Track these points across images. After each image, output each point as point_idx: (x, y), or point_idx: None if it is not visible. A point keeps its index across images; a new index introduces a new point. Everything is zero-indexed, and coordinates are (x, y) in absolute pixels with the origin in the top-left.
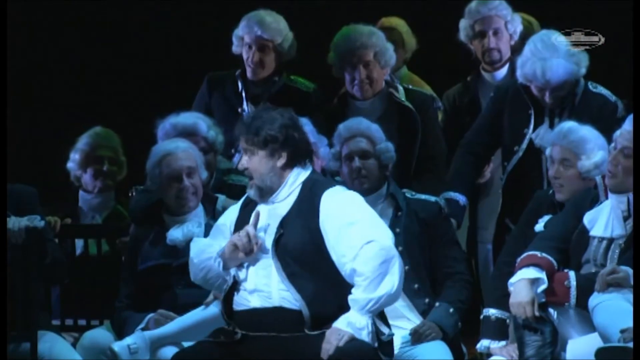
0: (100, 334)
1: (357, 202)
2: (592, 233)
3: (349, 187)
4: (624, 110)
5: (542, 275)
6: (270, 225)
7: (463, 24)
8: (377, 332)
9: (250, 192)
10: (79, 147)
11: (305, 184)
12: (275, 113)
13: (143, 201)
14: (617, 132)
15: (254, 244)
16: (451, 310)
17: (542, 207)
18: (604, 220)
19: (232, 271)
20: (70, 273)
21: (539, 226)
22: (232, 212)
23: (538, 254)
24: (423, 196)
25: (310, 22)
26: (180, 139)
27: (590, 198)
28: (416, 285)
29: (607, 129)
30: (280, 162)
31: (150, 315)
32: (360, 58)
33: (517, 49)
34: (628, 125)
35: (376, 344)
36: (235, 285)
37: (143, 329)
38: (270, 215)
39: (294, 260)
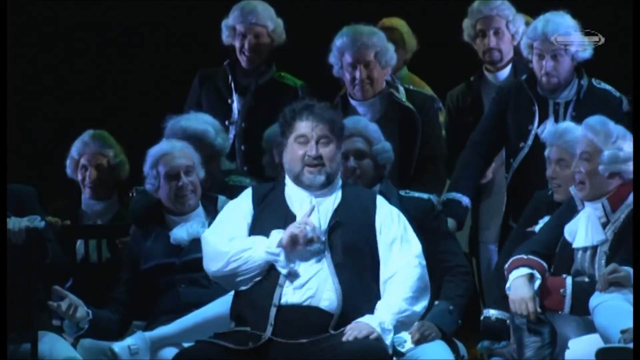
0: None
1: (404, 220)
2: (575, 245)
3: None
4: (628, 105)
5: (534, 271)
6: (320, 220)
7: (465, 23)
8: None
9: (320, 178)
10: (71, 154)
11: (346, 186)
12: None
13: (143, 202)
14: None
15: (317, 234)
16: (450, 307)
17: (541, 208)
18: (582, 230)
19: (281, 264)
20: (70, 273)
21: (539, 227)
22: (243, 204)
23: (524, 256)
24: (416, 194)
25: (311, 23)
26: (175, 140)
27: (570, 208)
28: None
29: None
30: (340, 156)
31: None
32: (361, 58)
33: (519, 50)
34: (584, 130)
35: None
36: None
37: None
38: (321, 209)
39: (343, 250)
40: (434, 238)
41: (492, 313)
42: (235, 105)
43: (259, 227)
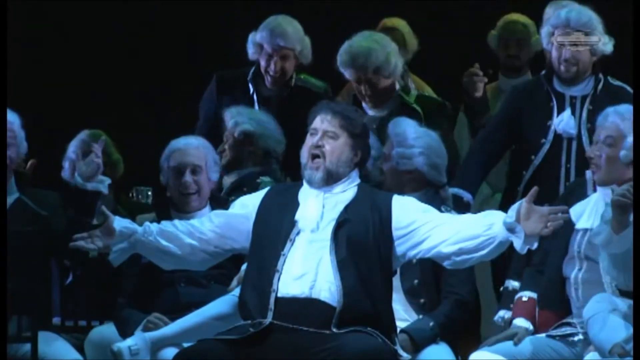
0: (109, 330)
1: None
2: (578, 226)
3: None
4: None
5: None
6: (324, 214)
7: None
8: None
9: (317, 174)
10: (68, 156)
11: (361, 186)
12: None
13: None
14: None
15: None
16: (431, 324)
17: (572, 196)
18: (588, 213)
19: (281, 259)
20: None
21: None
22: (254, 198)
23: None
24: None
25: (311, 22)
26: (194, 137)
27: (578, 195)
28: (422, 300)
29: None
30: (356, 159)
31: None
32: (362, 77)
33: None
34: (611, 116)
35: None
36: (273, 271)
37: (143, 330)
38: (327, 204)
39: (348, 247)
40: None
41: (512, 284)
42: None
43: (266, 212)
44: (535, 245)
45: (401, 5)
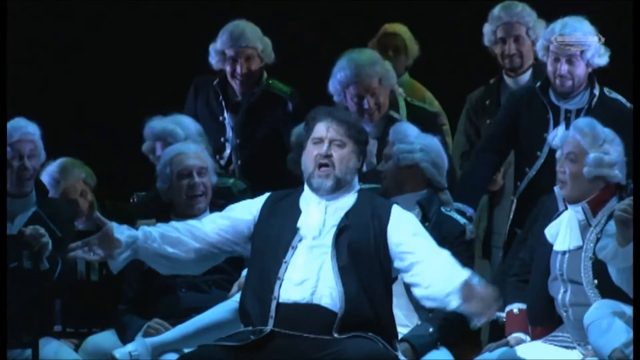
0: (103, 338)
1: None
2: (555, 248)
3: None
4: None
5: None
6: (326, 220)
7: (486, 29)
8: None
9: (327, 182)
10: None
11: (361, 192)
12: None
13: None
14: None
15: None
16: (430, 330)
17: (544, 211)
18: (562, 234)
19: (283, 266)
20: (71, 286)
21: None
22: (255, 203)
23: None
24: (455, 216)
25: (314, 27)
26: (191, 143)
27: (552, 210)
28: None
29: (622, 133)
30: (359, 164)
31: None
32: (368, 89)
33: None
34: (572, 131)
35: None
36: (275, 277)
37: (143, 336)
38: (328, 210)
39: (349, 253)
40: None
41: (499, 315)
42: (228, 122)
43: (267, 219)
44: (495, 317)
45: (401, 9)
